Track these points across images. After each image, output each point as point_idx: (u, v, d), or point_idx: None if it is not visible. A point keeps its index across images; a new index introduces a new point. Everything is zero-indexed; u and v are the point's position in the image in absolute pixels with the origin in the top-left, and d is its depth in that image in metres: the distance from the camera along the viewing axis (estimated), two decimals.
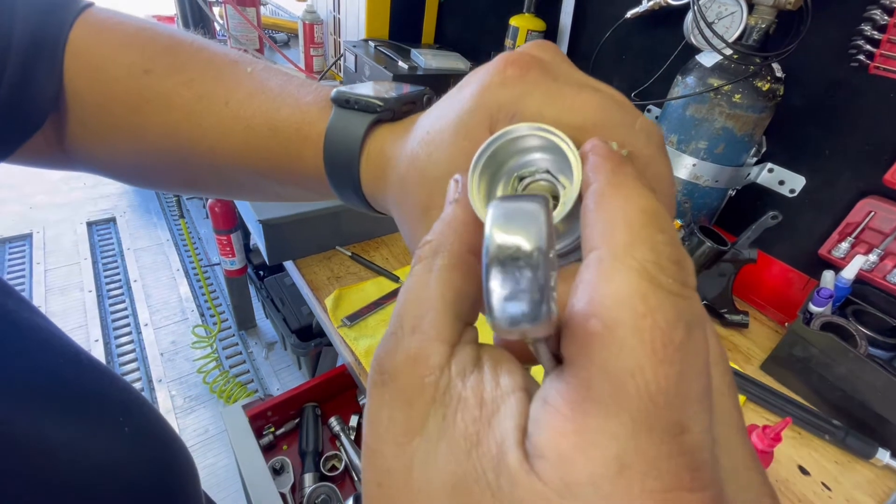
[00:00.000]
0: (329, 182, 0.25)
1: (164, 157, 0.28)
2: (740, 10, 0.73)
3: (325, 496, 0.70)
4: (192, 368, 1.78)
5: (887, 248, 0.73)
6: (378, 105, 0.23)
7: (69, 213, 2.49)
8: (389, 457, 0.13)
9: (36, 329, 0.31)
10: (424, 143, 0.19)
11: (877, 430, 0.67)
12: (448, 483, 0.12)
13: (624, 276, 0.11)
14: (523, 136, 0.15)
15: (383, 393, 0.13)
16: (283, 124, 0.25)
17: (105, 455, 0.31)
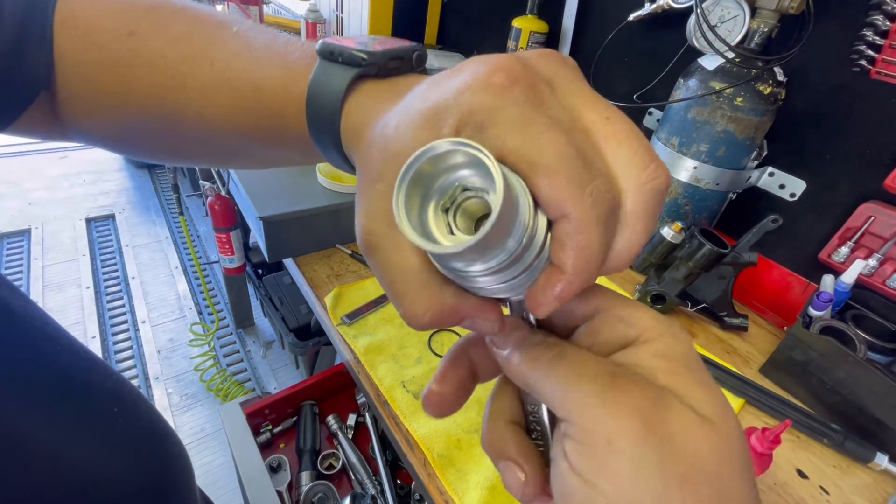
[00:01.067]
0: (311, 137, 0.24)
1: (152, 123, 0.28)
2: (743, 14, 0.73)
3: (322, 494, 0.69)
4: (189, 366, 1.77)
5: (887, 253, 0.73)
6: (362, 58, 0.22)
7: (68, 209, 2.48)
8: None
9: (29, 317, 0.30)
10: (397, 118, 0.18)
11: (875, 434, 0.67)
12: None
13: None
14: (448, 153, 0.15)
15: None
16: (267, 82, 0.24)
17: (97, 447, 0.30)
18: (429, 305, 0.17)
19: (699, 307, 0.85)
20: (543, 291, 0.16)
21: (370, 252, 0.18)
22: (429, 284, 0.17)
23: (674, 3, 0.84)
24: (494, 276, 0.16)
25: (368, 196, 0.18)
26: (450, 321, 0.18)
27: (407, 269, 0.17)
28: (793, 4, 0.69)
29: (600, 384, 0.16)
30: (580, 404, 0.16)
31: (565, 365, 0.17)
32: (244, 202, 0.86)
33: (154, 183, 2.84)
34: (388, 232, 0.17)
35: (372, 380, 0.67)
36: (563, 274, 0.16)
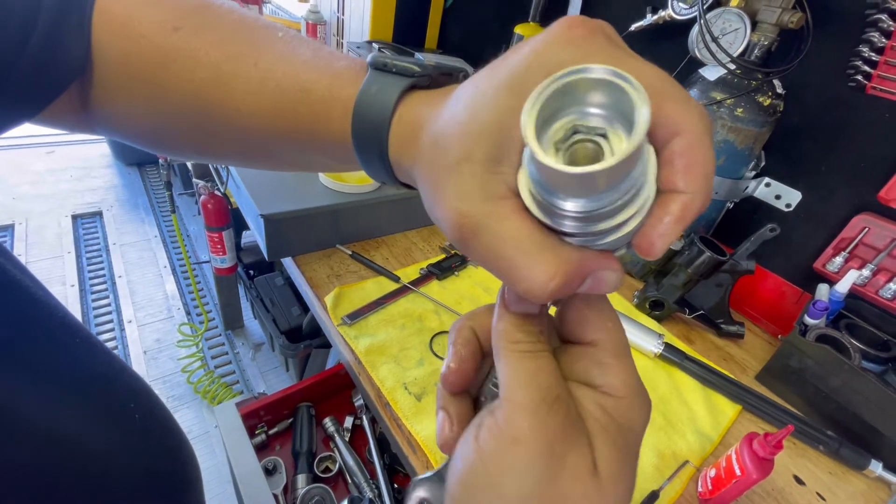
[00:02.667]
0: (354, 146, 0.24)
1: (186, 119, 0.27)
2: (744, 27, 0.75)
3: (319, 498, 0.68)
4: (176, 367, 1.73)
5: (880, 264, 0.75)
6: (415, 70, 0.22)
7: (54, 204, 2.43)
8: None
9: (53, 308, 0.31)
10: (468, 99, 0.18)
11: (870, 441, 0.68)
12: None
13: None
14: (597, 80, 0.14)
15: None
16: (314, 86, 0.24)
17: (115, 439, 0.31)
18: (556, 267, 0.16)
19: (697, 314, 0.86)
20: (660, 220, 0.16)
21: (473, 234, 0.17)
22: (549, 245, 0.16)
23: (675, 15, 0.86)
24: (610, 219, 0.15)
25: (455, 181, 0.17)
26: (576, 281, 0.17)
27: (522, 236, 0.16)
28: (792, 19, 0.71)
29: (542, 398, 0.18)
30: (516, 400, 0.18)
31: (532, 364, 0.19)
32: (244, 200, 0.85)
33: (143, 181, 2.79)
34: (489, 208, 0.17)
35: (373, 381, 0.66)
36: (682, 194, 0.15)
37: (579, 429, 0.18)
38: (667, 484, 0.60)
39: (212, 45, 0.26)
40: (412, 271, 0.87)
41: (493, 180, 0.17)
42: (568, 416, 0.18)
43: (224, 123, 0.27)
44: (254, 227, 0.86)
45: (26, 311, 0.28)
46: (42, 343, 0.28)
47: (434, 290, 0.84)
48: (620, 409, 0.19)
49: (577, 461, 0.17)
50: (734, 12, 0.74)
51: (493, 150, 0.17)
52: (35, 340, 0.28)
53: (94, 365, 0.32)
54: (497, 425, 0.18)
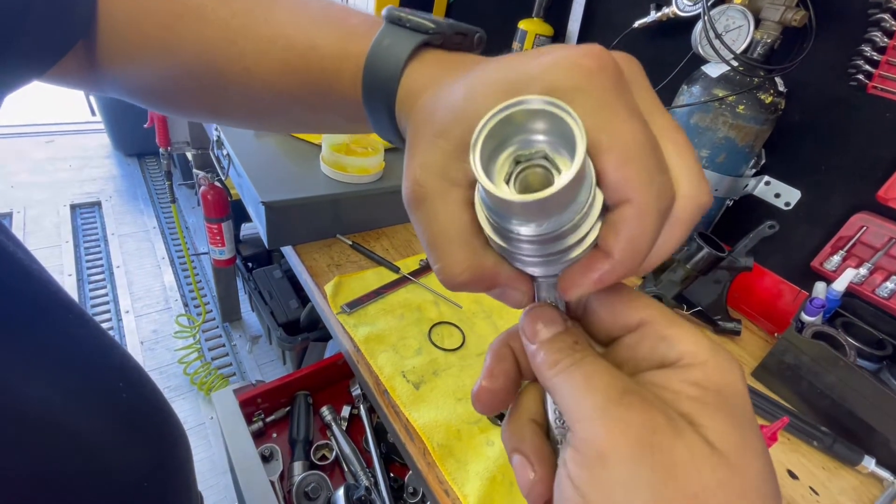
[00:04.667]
0: (364, 101, 0.23)
1: (194, 78, 0.27)
2: (747, 24, 0.75)
3: (315, 485, 0.68)
4: (172, 359, 1.73)
5: (877, 263, 0.76)
6: (429, 27, 0.22)
7: (52, 193, 2.42)
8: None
9: (45, 282, 0.30)
10: (472, 82, 0.18)
11: (863, 438, 0.68)
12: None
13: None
14: (537, 111, 0.14)
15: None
16: (324, 42, 0.24)
17: (101, 419, 0.30)
18: (469, 264, 0.17)
19: (694, 310, 0.86)
20: (582, 273, 0.16)
21: (418, 203, 0.18)
22: (472, 244, 0.17)
23: (679, 12, 0.86)
24: (540, 245, 0.16)
25: (425, 149, 0.18)
26: (484, 284, 0.18)
27: (453, 225, 0.17)
28: (795, 17, 0.71)
29: (606, 398, 0.16)
30: (582, 415, 0.16)
31: (580, 373, 0.17)
32: (246, 187, 0.85)
33: (143, 171, 2.79)
34: (440, 186, 0.17)
35: (372, 369, 0.66)
36: (608, 259, 0.16)
37: (670, 415, 0.15)
38: None
39: (219, 2, 0.25)
40: (412, 262, 0.87)
41: (455, 165, 0.17)
42: (650, 405, 0.15)
43: (233, 82, 0.26)
44: (254, 215, 0.86)
45: (18, 284, 0.28)
46: (33, 316, 0.28)
47: (434, 281, 0.84)
48: (710, 376, 0.16)
49: (689, 447, 0.15)
50: (738, 9, 0.75)
51: (465, 139, 0.17)
52: (26, 313, 0.27)
53: (85, 341, 0.32)
54: (579, 452, 0.16)
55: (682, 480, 0.14)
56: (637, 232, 0.15)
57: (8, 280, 0.27)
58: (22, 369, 0.25)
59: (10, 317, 0.26)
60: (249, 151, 0.90)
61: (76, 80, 0.29)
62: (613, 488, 0.15)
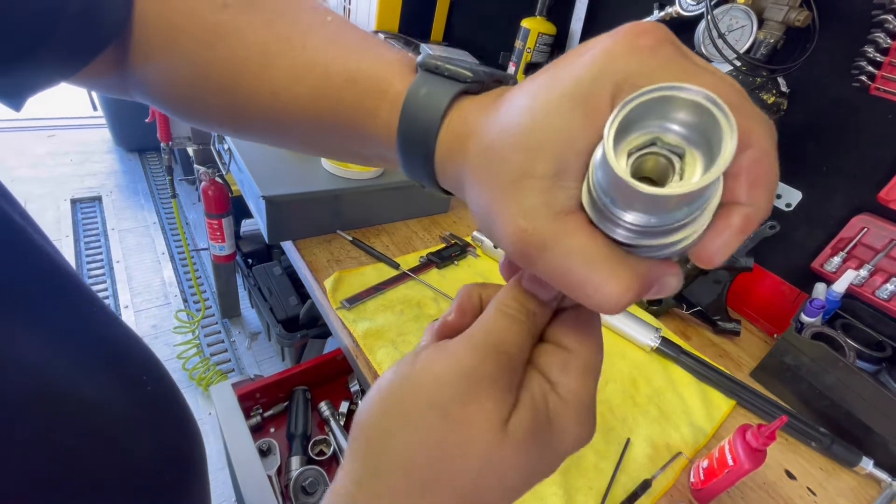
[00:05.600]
0: (399, 147, 0.23)
1: (223, 95, 0.27)
2: (750, 24, 0.75)
3: (313, 479, 0.68)
4: (171, 354, 1.73)
5: (878, 264, 0.75)
6: (468, 76, 0.22)
7: (53, 188, 2.42)
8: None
9: (74, 276, 0.31)
10: (524, 109, 0.17)
11: (861, 439, 0.68)
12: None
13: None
14: (688, 101, 0.14)
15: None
16: (362, 75, 0.24)
17: (129, 409, 0.31)
18: (629, 281, 0.16)
19: (694, 310, 0.86)
20: (721, 232, 0.15)
21: (539, 251, 0.17)
22: (618, 259, 0.16)
23: (682, 11, 0.86)
24: (669, 235, 0.15)
25: (516, 196, 0.17)
26: (646, 290, 0.17)
27: (591, 252, 0.16)
28: (799, 17, 0.71)
29: (493, 344, 0.20)
30: (470, 335, 0.20)
31: (503, 321, 0.20)
32: (246, 181, 0.85)
33: (144, 167, 2.78)
34: (555, 224, 0.16)
35: (371, 364, 0.66)
36: (744, 206, 0.15)
37: (510, 388, 0.19)
38: (659, 473, 0.61)
39: (260, 25, 0.25)
40: (412, 259, 0.87)
41: (557, 196, 0.16)
42: (506, 372, 0.19)
43: (262, 103, 0.26)
44: (255, 210, 0.86)
45: (47, 274, 0.28)
46: (59, 304, 0.29)
47: (433, 278, 0.84)
48: (558, 409, 0.20)
49: (494, 407, 0.18)
50: (741, 9, 0.75)
51: (555, 165, 0.16)
52: (54, 301, 0.28)
53: (110, 333, 0.32)
54: (442, 346, 0.20)
55: (470, 412, 0.19)
56: (766, 171, 0.15)
57: (38, 270, 0.28)
58: (49, 352, 0.26)
59: (38, 303, 0.27)
60: (250, 146, 0.90)
61: (103, 82, 0.29)
62: (434, 376, 0.19)
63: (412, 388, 0.19)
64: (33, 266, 0.28)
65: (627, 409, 0.69)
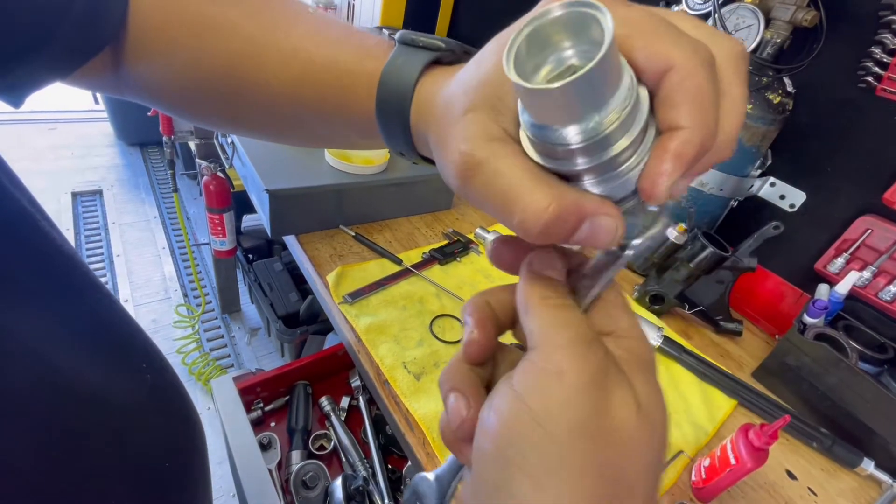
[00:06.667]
0: (377, 116, 0.24)
1: (217, 87, 0.28)
2: (757, 24, 0.75)
3: (313, 474, 0.68)
4: (171, 348, 1.73)
5: (881, 266, 0.75)
6: (439, 45, 0.23)
7: (54, 181, 2.42)
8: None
9: (80, 264, 0.31)
10: (475, 60, 0.19)
11: (862, 440, 0.68)
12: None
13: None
14: (558, 16, 0.14)
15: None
16: (343, 57, 0.25)
17: (130, 399, 0.31)
18: (551, 198, 0.16)
19: (696, 310, 0.86)
20: (660, 157, 0.15)
21: (474, 171, 0.17)
22: (546, 180, 0.16)
23: (689, 10, 0.86)
24: (601, 152, 0.15)
25: (461, 127, 0.18)
26: (571, 221, 0.16)
27: (520, 171, 0.17)
28: (806, 17, 0.71)
29: (578, 337, 0.18)
30: (554, 342, 0.18)
31: (562, 313, 0.19)
32: (250, 175, 0.84)
33: (145, 161, 2.78)
34: (490, 147, 0.17)
35: (373, 359, 0.66)
36: (679, 130, 0.15)
37: (618, 368, 0.18)
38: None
39: (247, 16, 0.26)
40: (414, 255, 0.87)
41: (493, 125, 0.17)
42: (607, 356, 0.18)
43: (254, 93, 0.27)
44: (258, 203, 0.86)
45: (52, 260, 0.28)
46: (64, 290, 0.29)
47: (436, 274, 0.84)
48: (635, 347, 0.19)
49: (624, 397, 0.17)
50: (748, 8, 0.75)
51: (493, 100, 0.17)
52: (58, 286, 0.28)
53: (112, 320, 0.33)
54: (535, 365, 0.18)
55: (612, 418, 0.17)
56: (694, 89, 0.15)
57: (43, 255, 0.28)
58: (54, 339, 0.26)
59: (43, 287, 0.27)
60: (254, 140, 0.90)
61: (98, 81, 0.29)
62: (555, 401, 0.17)
63: (542, 432, 0.16)
64: (39, 251, 0.28)
65: None
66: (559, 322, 0.18)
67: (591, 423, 0.16)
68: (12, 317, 0.23)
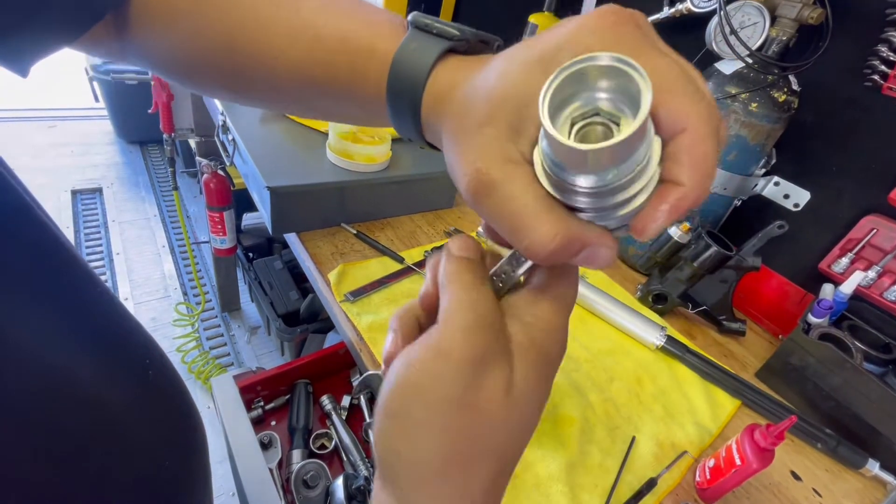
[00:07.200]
0: (388, 101, 0.24)
1: (220, 57, 0.27)
2: (763, 21, 0.74)
3: (314, 473, 0.67)
4: (171, 347, 1.72)
5: (886, 266, 0.75)
6: (454, 34, 0.23)
7: (53, 179, 2.41)
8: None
9: (80, 261, 0.31)
10: (501, 68, 0.19)
11: (868, 441, 0.68)
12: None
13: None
14: (604, 67, 0.15)
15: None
16: (353, 36, 0.25)
17: (131, 393, 0.30)
18: (557, 230, 0.17)
19: (699, 309, 0.85)
20: (656, 207, 0.17)
21: (487, 190, 0.18)
22: (555, 211, 0.18)
23: (694, 8, 0.85)
24: (614, 196, 0.16)
25: (477, 140, 0.19)
26: (574, 247, 0.18)
27: (532, 199, 0.18)
28: (812, 15, 0.71)
29: (475, 320, 0.20)
30: (452, 321, 0.20)
31: (470, 294, 0.21)
32: (251, 172, 0.84)
33: (145, 159, 2.77)
34: (505, 168, 0.18)
35: (374, 357, 0.65)
36: (679, 186, 0.16)
37: (504, 352, 0.20)
38: (665, 472, 0.60)
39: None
40: (416, 253, 0.86)
41: (512, 147, 0.18)
42: (497, 339, 0.20)
43: (259, 66, 0.27)
44: (259, 201, 0.85)
45: (49, 254, 0.28)
46: (62, 285, 0.28)
47: None
48: (538, 337, 0.21)
49: (497, 378, 0.20)
50: (754, 6, 0.74)
51: (514, 120, 0.18)
52: (55, 281, 0.28)
53: (111, 317, 0.32)
54: (430, 340, 0.20)
55: (480, 396, 0.19)
56: (700, 155, 0.16)
57: (41, 246, 0.28)
58: (52, 335, 0.25)
59: (40, 283, 0.26)
60: (255, 137, 0.90)
61: (104, 48, 0.29)
62: (437, 376, 0.19)
63: (422, 400, 0.20)
64: (37, 242, 0.27)
65: (633, 407, 0.68)
66: (464, 304, 0.20)
67: (460, 397, 0.19)
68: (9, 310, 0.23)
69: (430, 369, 0.20)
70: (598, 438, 0.63)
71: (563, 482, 0.56)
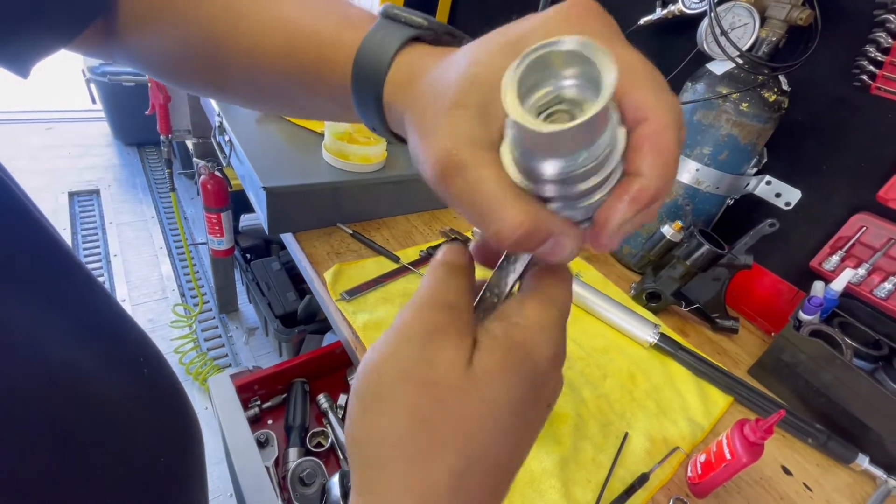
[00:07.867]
0: (352, 87, 0.24)
1: (199, 54, 0.28)
2: (753, 22, 0.75)
3: (311, 471, 0.68)
4: (168, 348, 1.72)
5: (876, 263, 0.76)
6: (421, 23, 0.23)
7: (50, 180, 2.41)
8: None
9: (70, 256, 0.31)
10: (471, 54, 0.19)
11: (857, 436, 0.69)
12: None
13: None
14: (566, 52, 0.15)
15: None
16: (324, 27, 0.25)
17: (127, 390, 0.31)
18: (525, 216, 0.17)
19: (692, 307, 0.86)
20: (619, 198, 0.17)
21: (455, 172, 0.18)
22: (523, 197, 0.18)
23: (685, 9, 0.86)
24: (574, 185, 0.16)
25: (446, 122, 0.18)
26: (540, 235, 0.18)
27: (501, 183, 0.17)
28: (801, 16, 0.72)
29: (434, 298, 0.21)
30: (416, 297, 0.22)
31: (442, 274, 0.22)
32: (247, 173, 0.84)
33: (142, 161, 2.77)
34: (474, 152, 0.18)
35: None
36: (640, 177, 0.17)
37: (461, 333, 0.20)
38: (657, 467, 0.61)
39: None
40: (412, 253, 0.87)
41: (482, 130, 0.18)
42: (454, 319, 0.20)
43: (236, 61, 0.27)
44: (255, 201, 0.86)
45: (45, 251, 0.29)
46: (59, 282, 0.29)
47: None
48: (518, 335, 0.20)
49: (449, 351, 0.19)
50: (744, 7, 0.75)
51: (484, 103, 0.18)
52: (53, 279, 0.28)
53: (106, 314, 0.33)
54: (400, 323, 0.21)
55: (435, 370, 0.19)
56: (661, 145, 0.16)
57: (36, 247, 0.28)
58: (48, 331, 0.26)
59: (38, 280, 0.27)
60: (251, 138, 0.90)
61: (96, 49, 0.30)
62: (391, 351, 0.20)
63: (377, 374, 0.20)
64: (34, 239, 0.28)
65: (626, 403, 0.69)
66: (423, 288, 0.21)
67: (412, 371, 0.19)
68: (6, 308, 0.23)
69: (386, 348, 0.20)
70: (592, 434, 0.63)
71: (557, 477, 0.57)
